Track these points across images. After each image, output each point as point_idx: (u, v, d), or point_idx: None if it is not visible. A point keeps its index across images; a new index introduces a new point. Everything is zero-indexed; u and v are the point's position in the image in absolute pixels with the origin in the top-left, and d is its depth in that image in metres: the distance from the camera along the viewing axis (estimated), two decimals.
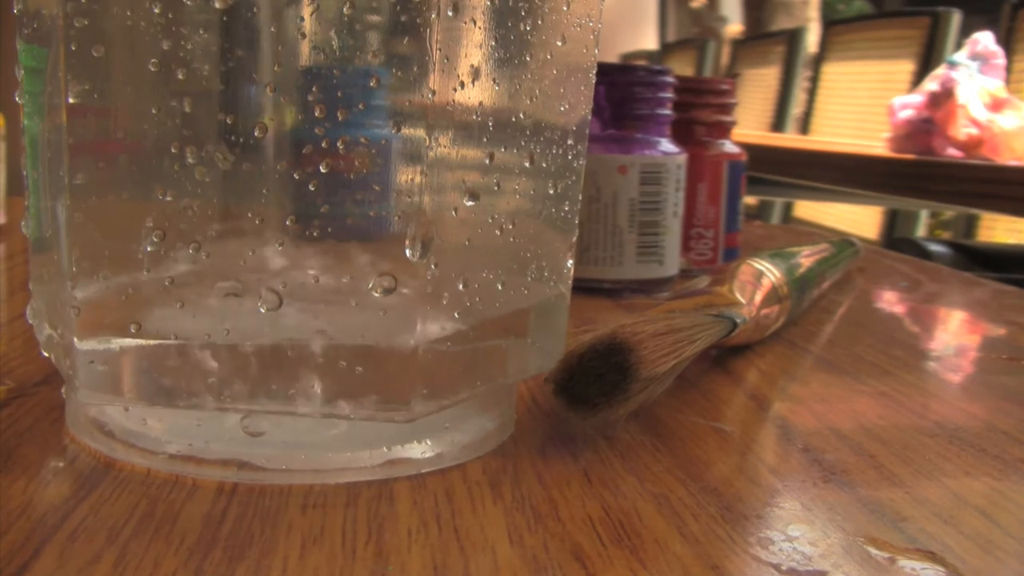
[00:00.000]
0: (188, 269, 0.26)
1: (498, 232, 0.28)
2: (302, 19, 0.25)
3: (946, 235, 2.35)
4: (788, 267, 0.46)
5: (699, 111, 0.60)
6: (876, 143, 1.81)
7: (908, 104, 1.66)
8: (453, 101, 0.26)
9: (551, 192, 0.30)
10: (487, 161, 0.28)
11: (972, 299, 0.63)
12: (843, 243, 0.62)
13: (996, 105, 1.57)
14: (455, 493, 0.27)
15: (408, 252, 0.26)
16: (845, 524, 0.26)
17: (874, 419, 0.35)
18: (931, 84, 1.64)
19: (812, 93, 2.64)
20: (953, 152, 1.58)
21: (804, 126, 2.63)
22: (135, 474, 0.27)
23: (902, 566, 0.24)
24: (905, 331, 0.53)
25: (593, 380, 0.29)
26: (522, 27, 0.28)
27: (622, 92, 0.54)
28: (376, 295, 0.26)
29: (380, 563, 0.23)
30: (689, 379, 0.37)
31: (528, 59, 0.28)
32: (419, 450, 0.28)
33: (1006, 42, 1.86)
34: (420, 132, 0.26)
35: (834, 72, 2.54)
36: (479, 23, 0.26)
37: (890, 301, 0.62)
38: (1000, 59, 1.65)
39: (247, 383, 0.26)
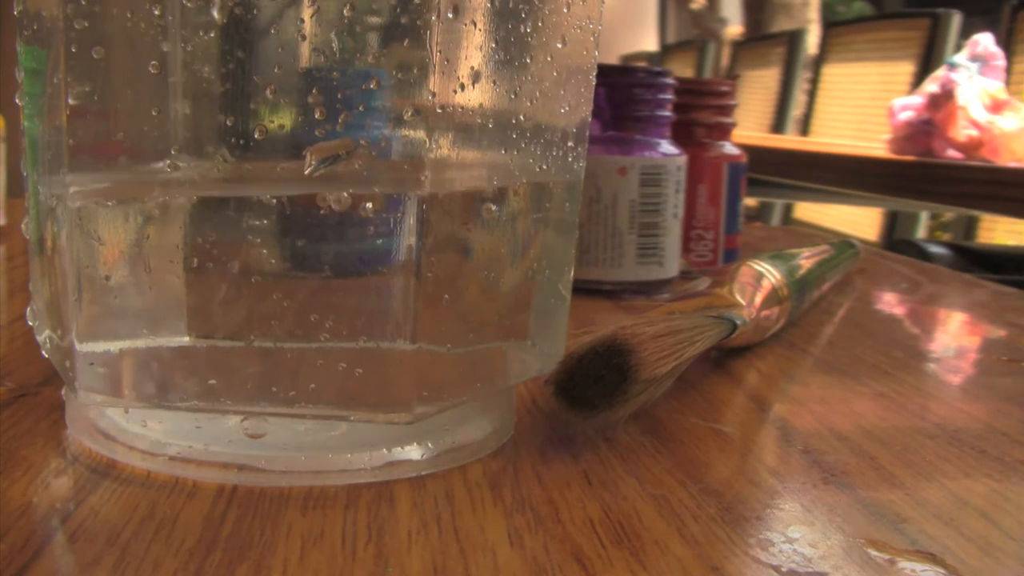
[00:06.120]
0: (189, 270, 0.26)
1: (498, 233, 0.28)
2: (302, 21, 0.25)
3: (946, 237, 2.35)
4: (788, 269, 0.46)
5: (699, 113, 0.60)
6: (876, 145, 1.81)
7: (908, 106, 1.66)
8: (453, 103, 0.26)
9: (551, 194, 0.30)
10: (487, 163, 0.28)
11: (972, 301, 0.63)
12: (843, 244, 0.62)
13: (996, 106, 1.57)
14: (455, 495, 0.27)
15: (408, 253, 0.26)
16: (845, 526, 0.26)
17: (874, 420, 0.35)
18: (931, 86, 1.64)
19: (812, 95, 2.64)
20: (953, 153, 1.58)
21: (804, 127, 2.63)
22: (135, 476, 0.27)
23: (902, 568, 0.24)
24: (905, 332, 0.53)
25: (593, 382, 0.29)
26: (522, 29, 0.28)
27: (622, 94, 0.54)
28: (377, 296, 0.26)
29: (380, 565, 0.23)
30: (689, 381, 0.37)
31: (528, 61, 0.28)
32: (419, 452, 0.28)
33: (1006, 43, 1.86)
34: (420, 134, 0.26)
35: (834, 74, 2.55)
36: (479, 25, 0.26)
37: (890, 303, 0.62)
38: (1000, 60, 1.65)
39: (247, 385, 0.26)
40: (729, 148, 0.61)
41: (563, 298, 0.32)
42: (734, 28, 5.34)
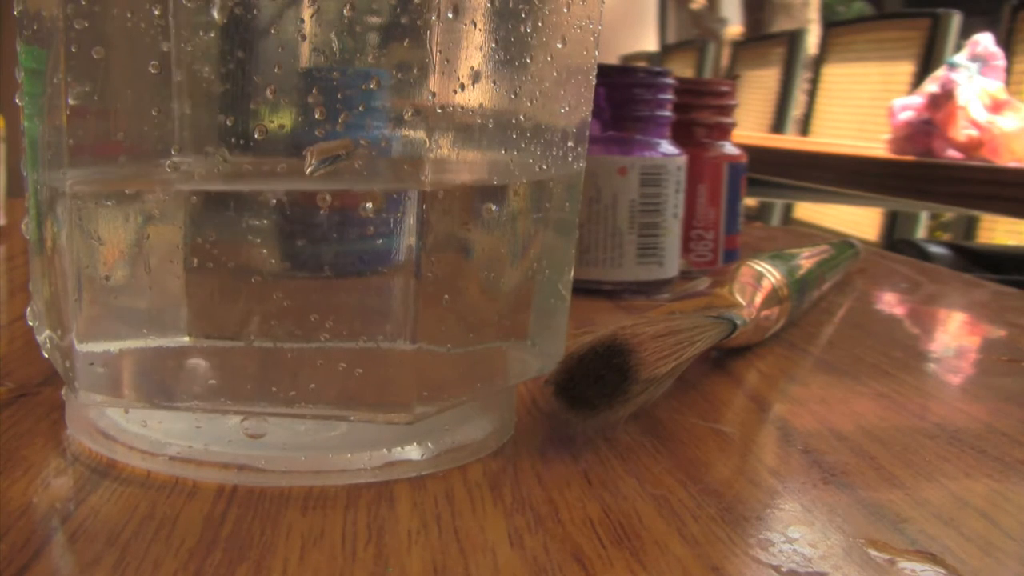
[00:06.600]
0: (189, 270, 0.26)
1: (498, 233, 0.28)
2: (302, 21, 0.25)
3: (946, 236, 2.35)
4: (788, 268, 0.46)
5: (699, 113, 0.60)
6: (876, 145, 1.81)
7: (908, 106, 1.66)
8: (453, 103, 0.26)
9: (551, 194, 0.30)
10: (487, 163, 0.28)
11: (972, 300, 0.63)
12: (843, 244, 0.62)
13: (996, 106, 1.57)
14: (455, 495, 0.27)
15: (408, 253, 0.26)
16: (845, 526, 0.26)
17: (874, 420, 0.35)
18: (931, 86, 1.64)
19: (812, 95, 2.64)
20: (953, 153, 1.58)
21: (804, 127, 2.63)
22: (135, 476, 0.27)
23: (902, 568, 0.24)
24: (905, 332, 0.53)
25: (593, 382, 0.29)
26: (522, 29, 0.28)
27: (622, 94, 0.54)
28: (377, 296, 0.26)
29: (380, 565, 0.23)
30: (689, 381, 0.37)
31: (528, 61, 0.28)
32: (419, 452, 0.28)
33: (1006, 43, 1.86)
34: (420, 134, 0.26)
35: (834, 74, 2.55)
36: (479, 25, 0.26)
37: (890, 302, 0.62)
38: (1000, 60, 1.65)
39: (247, 385, 0.26)
40: (729, 148, 0.61)
41: (563, 298, 0.32)
42: (734, 28, 5.34)
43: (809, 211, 2.53)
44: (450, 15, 0.25)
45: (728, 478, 0.29)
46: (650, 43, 5.48)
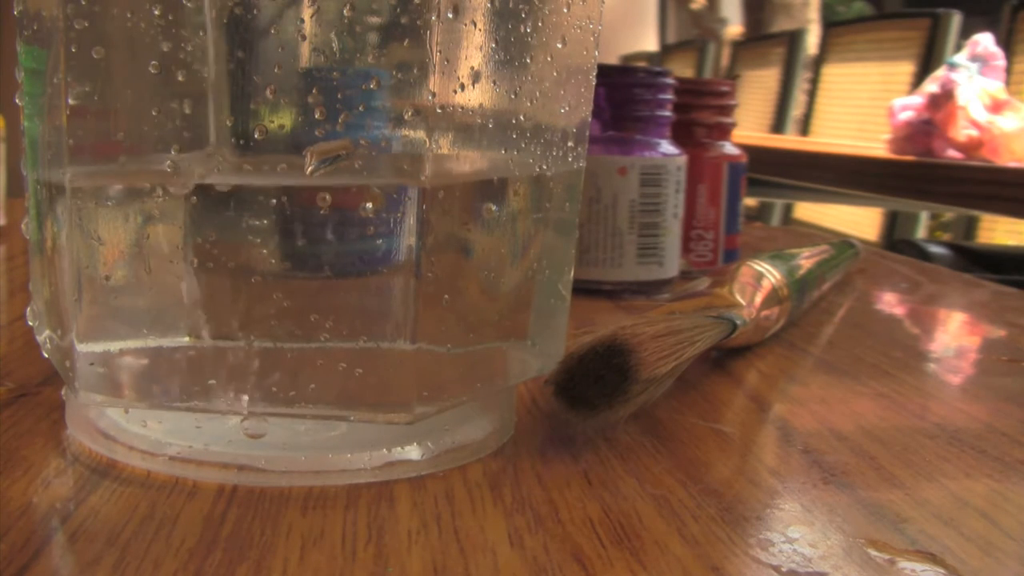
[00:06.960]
0: (189, 270, 0.26)
1: (498, 233, 0.28)
2: (302, 21, 0.25)
3: (946, 236, 2.35)
4: (788, 269, 0.46)
5: (699, 113, 0.60)
6: (876, 145, 1.81)
7: (908, 106, 1.66)
8: (453, 103, 0.26)
9: (551, 194, 0.30)
10: (487, 163, 0.28)
11: (972, 301, 0.63)
12: (843, 244, 0.62)
13: (996, 107, 1.57)
14: (455, 495, 0.27)
15: (408, 253, 0.26)
16: (845, 526, 0.26)
17: (874, 420, 0.35)
18: (931, 86, 1.64)
19: (812, 95, 2.64)
20: (953, 153, 1.59)
21: (804, 127, 2.63)
22: (135, 476, 0.27)
23: (902, 568, 0.24)
24: (905, 332, 0.53)
25: (593, 382, 0.29)
26: (522, 29, 0.28)
27: (622, 94, 0.54)
28: (377, 296, 0.26)
29: (380, 564, 0.23)
30: (689, 381, 0.37)
31: (528, 61, 0.28)
32: (419, 452, 0.28)
33: (1006, 43, 1.86)
34: (420, 134, 0.26)
35: (834, 74, 2.55)
36: (479, 25, 0.26)
37: (890, 302, 0.62)
38: (1000, 60, 1.65)
39: (247, 385, 0.26)
40: (729, 148, 0.61)
41: (563, 298, 0.32)
42: (734, 28, 5.34)
43: (809, 211, 2.53)
44: (450, 15, 0.25)
45: (728, 478, 0.29)
46: (650, 43, 5.48)
